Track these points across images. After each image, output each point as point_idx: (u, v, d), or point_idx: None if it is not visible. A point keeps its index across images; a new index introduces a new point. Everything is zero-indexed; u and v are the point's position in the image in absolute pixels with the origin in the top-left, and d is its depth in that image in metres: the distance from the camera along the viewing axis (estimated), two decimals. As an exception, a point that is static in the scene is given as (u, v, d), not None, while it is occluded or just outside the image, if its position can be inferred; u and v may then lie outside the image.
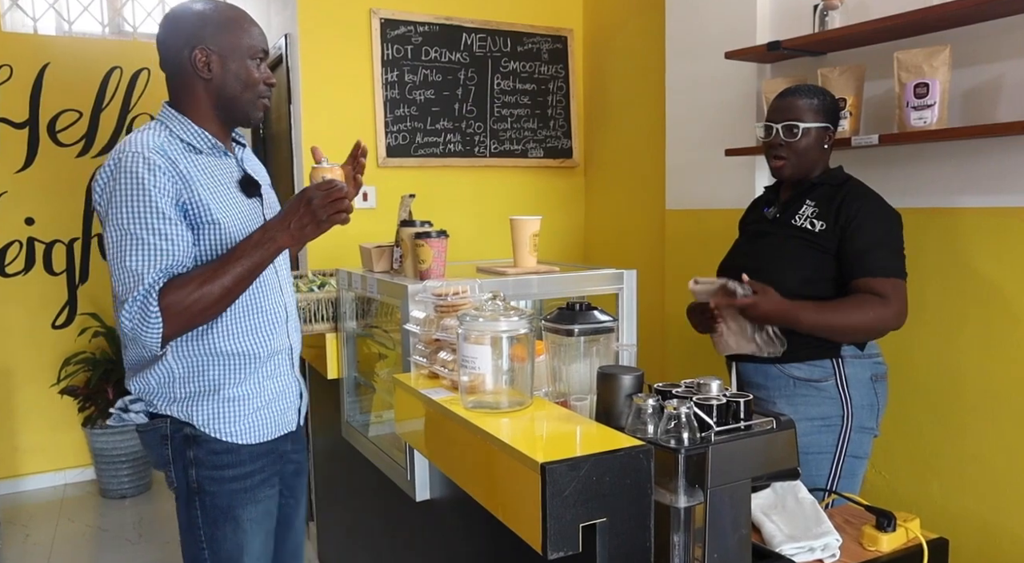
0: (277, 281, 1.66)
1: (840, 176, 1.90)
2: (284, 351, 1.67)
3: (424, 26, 3.22)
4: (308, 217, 1.46)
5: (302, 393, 1.76)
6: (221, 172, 1.57)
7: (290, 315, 1.71)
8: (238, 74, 1.54)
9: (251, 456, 1.61)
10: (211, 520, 1.59)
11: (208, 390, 1.55)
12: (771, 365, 1.87)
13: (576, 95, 3.58)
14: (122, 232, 1.41)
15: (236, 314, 1.55)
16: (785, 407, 1.84)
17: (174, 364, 1.53)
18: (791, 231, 1.87)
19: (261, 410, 1.62)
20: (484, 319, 1.43)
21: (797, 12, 2.44)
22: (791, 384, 1.86)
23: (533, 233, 2.07)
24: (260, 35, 1.58)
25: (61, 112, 4.00)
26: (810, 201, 1.87)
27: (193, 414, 1.55)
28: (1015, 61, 1.90)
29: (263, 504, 1.64)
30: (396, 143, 3.20)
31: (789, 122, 1.84)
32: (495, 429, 1.31)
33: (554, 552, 1.12)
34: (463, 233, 3.22)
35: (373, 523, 2.33)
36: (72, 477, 4.10)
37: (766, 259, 1.90)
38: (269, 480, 1.65)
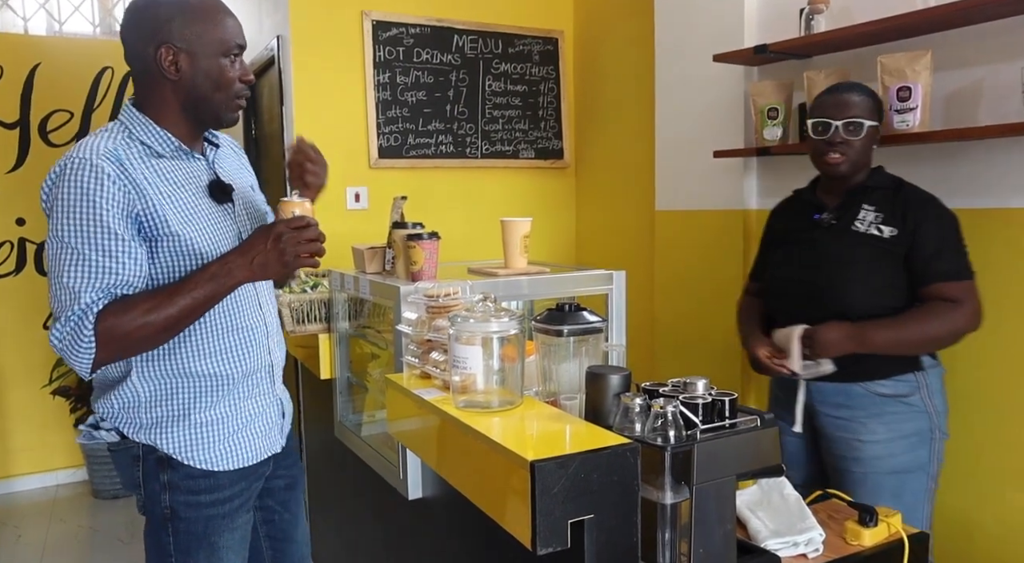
0: (255, 295, 1.54)
1: (891, 178, 1.84)
2: (264, 369, 1.56)
3: (416, 28, 3.24)
4: (274, 254, 1.35)
5: (285, 412, 1.65)
6: (186, 177, 1.44)
7: (271, 330, 1.59)
8: (209, 73, 1.39)
9: (230, 480, 1.50)
10: (184, 547, 1.47)
11: (177, 415, 1.43)
12: (854, 384, 1.79)
13: (567, 96, 3.61)
14: (62, 245, 1.30)
15: (209, 332, 1.44)
16: (877, 427, 1.78)
17: (139, 386, 1.41)
18: (857, 239, 1.77)
19: (238, 433, 1.51)
20: (475, 320, 1.45)
21: (784, 15, 2.47)
22: (879, 402, 1.78)
23: (524, 235, 2.10)
24: (235, 27, 1.43)
25: (52, 112, 4.01)
26: (868, 206, 1.79)
27: (163, 442, 1.43)
28: (994, 65, 1.94)
29: (240, 530, 1.54)
30: (388, 144, 3.22)
31: (852, 119, 1.76)
32: (486, 428, 1.33)
33: (543, 548, 1.15)
34: (455, 234, 3.24)
35: (366, 522, 2.35)
36: (64, 478, 4.10)
37: (832, 270, 1.80)
38: (246, 505, 1.55)
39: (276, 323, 1.64)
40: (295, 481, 1.72)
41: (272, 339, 1.59)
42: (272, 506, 1.66)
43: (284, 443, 1.64)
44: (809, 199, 1.93)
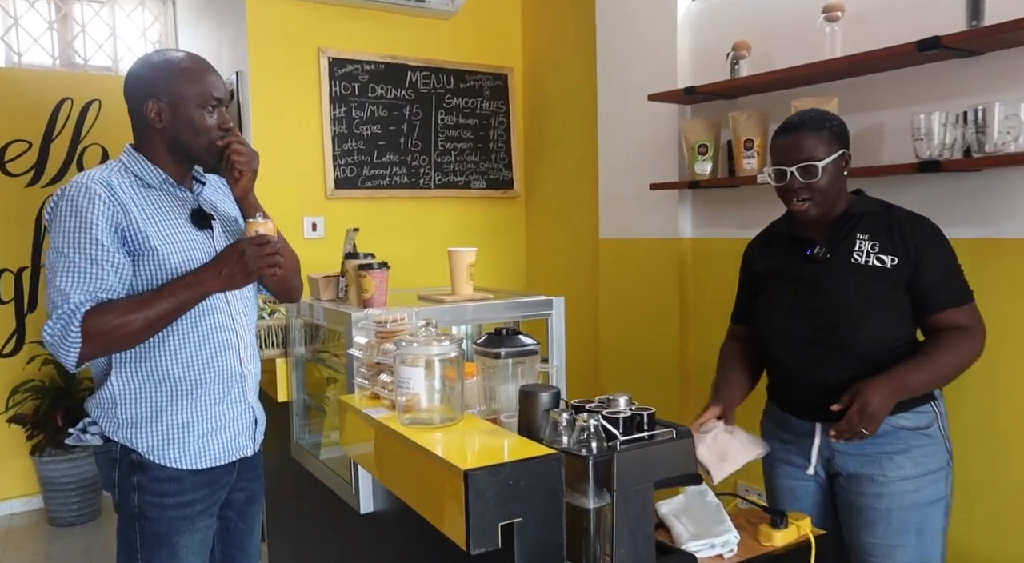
0: (228, 309, 1.70)
1: (876, 201, 1.74)
2: (234, 378, 1.71)
3: (370, 65, 3.39)
4: (239, 266, 1.53)
5: (258, 420, 1.80)
6: (171, 206, 1.64)
7: (243, 343, 1.74)
8: (189, 123, 1.59)
9: (193, 485, 1.65)
10: (148, 544, 1.63)
11: (151, 416, 1.60)
12: None
13: (516, 129, 3.79)
14: (58, 254, 1.50)
15: (182, 340, 1.61)
16: (903, 461, 1.69)
17: (117, 388, 1.59)
18: (859, 272, 1.66)
19: (208, 436, 1.66)
20: (418, 344, 1.58)
21: (714, 59, 2.67)
22: (902, 436, 1.69)
23: (469, 264, 2.24)
24: (213, 82, 1.63)
25: (10, 142, 4.05)
26: (861, 234, 1.68)
27: (137, 441, 1.60)
28: (893, 110, 2.15)
29: (200, 534, 1.68)
30: (344, 175, 3.35)
31: (805, 163, 1.64)
32: (428, 442, 1.46)
33: (476, 548, 1.28)
34: (408, 261, 3.37)
35: (322, 540, 2.44)
36: (18, 506, 4.09)
37: (842, 308, 1.68)
38: (208, 510, 1.69)
39: (251, 339, 1.79)
40: (255, 495, 1.86)
41: (244, 352, 1.74)
42: (231, 516, 1.79)
43: (256, 450, 1.80)
44: (792, 233, 1.78)
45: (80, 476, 3.84)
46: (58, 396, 3.90)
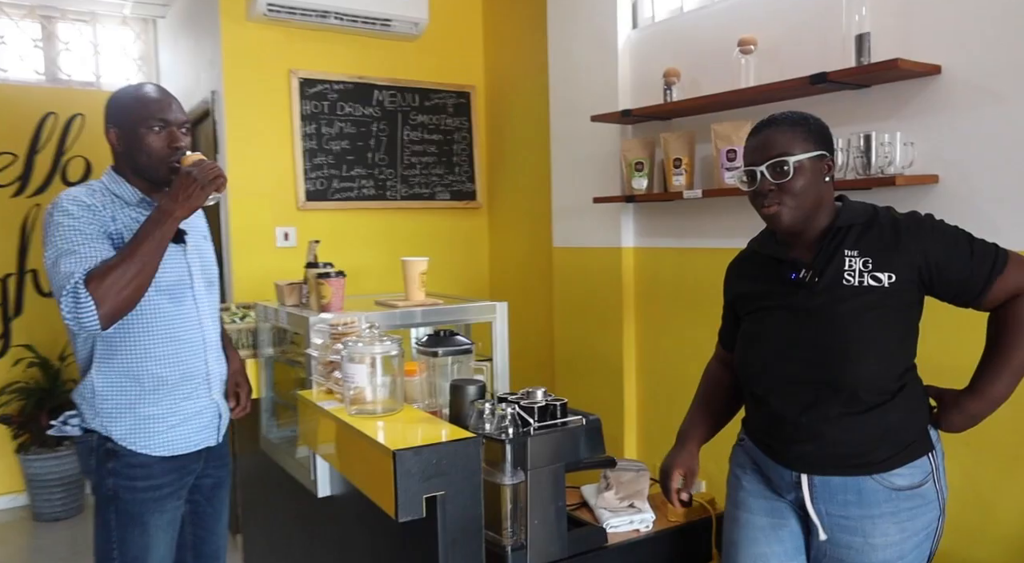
0: (197, 315, 1.89)
1: (863, 209, 1.52)
2: (200, 376, 1.90)
3: (339, 84, 3.61)
4: (193, 187, 1.68)
5: (222, 413, 1.99)
6: (143, 218, 1.79)
7: (209, 344, 1.94)
8: (139, 144, 1.77)
9: (162, 471, 1.85)
10: (122, 524, 1.83)
11: (125, 407, 1.81)
12: (866, 477, 1.47)
13: (479, 144, 4.02)
14: (56, 249, 1.67)
15: (153, 340, 1.81)
16: (889, 527, 1.47)
17: (97, 380, 1.80)
18: (854, 295, 1.44)
19: (176, 428, 1.86)
20: (363, 344, 1.81)
21: (652, 83, 2.92)
22: (893, 497, 1.47)
23: (421, 272, 2.47)
24: (156, 106, 1.78)
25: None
26: (849, 251, 1.46)
27: (112, 429, 1.80)
28: (799, 134, 2.40)
29: (169, 514, 1.88)
30: (315, 188, 3.57)
31: (776, 159, 1.45)
32: (369, 429, 1.69)
33: (403, 516, 1.51)
34: (375, 269, 3.60)
35: (290, 526, 2.65)
36: (4, 503, 4.28)
37: (838, 341, 1.45)
38: (176, 493, 1.89)
39: (216, 341, 1.98)
40: (222, 481, 2.07)
41: (210, 352, 1.94)
42: (199, 500, 2.00)
43: (220, 440, 1.99)
44: (775, 254, 1.57)
45: (64, 473, 4.03)
46: (43, 397, 4.09)
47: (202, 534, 2.06)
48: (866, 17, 2.16)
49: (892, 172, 2.07)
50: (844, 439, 1.46)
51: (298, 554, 2.57)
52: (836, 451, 1.47)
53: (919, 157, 2.10)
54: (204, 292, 1.94)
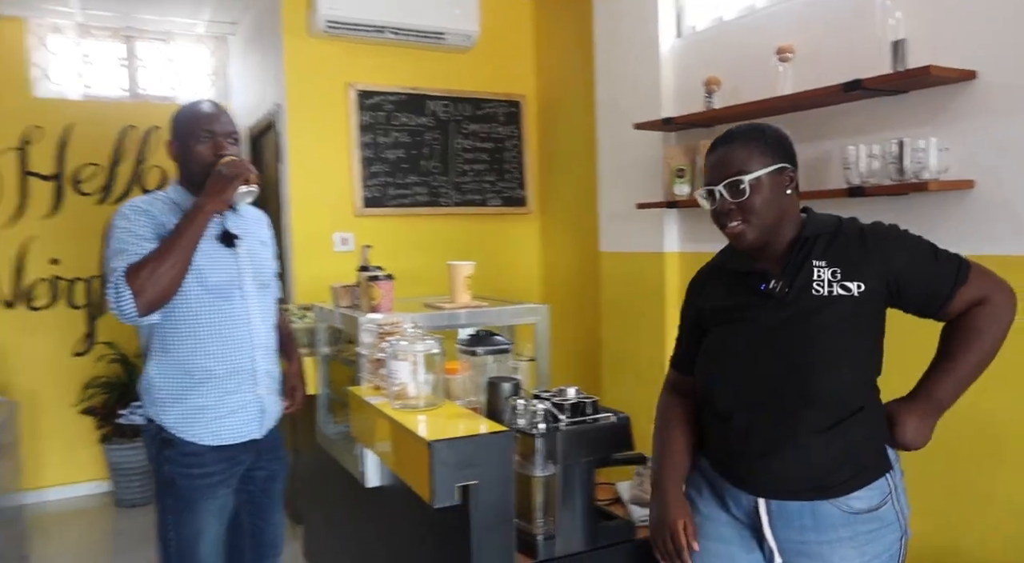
0: (245, 314, 2.01)
1: (826, 220, 1.52)
2: (246, 372, 2.01)
3: (395, 95, 3.78)
4: (222, 182, 1.84)
5: (264, 410, 2.06)
6: None
7: (257, 342, 2.04)
8: (189, 154, 1.95)
9: (213, 460, 1.97)
10: (178, 508, 1.97)
11: (176, 397, 1.95)
12: (823, 501, 1.44)
13: (529, 151, 4.13)
14: (111, 250, 1.85)
15: (203, 336, 1.94)
16: (849, 552, 1.43)
17: (153, 373, 1.96)
18: (825, 305, 1.42)
19: (222, 419, 1.97)
20: (406, 342, 1.94)
21: (694, 91, 2.97)
22: (850, 521, 1.43)
23: (466, 275, 2.59)
24: (205, 117, 1.95)
25: (83, 165, 4.57)
26: (817, 261, 1.45)
27: (164, 418, 1.95)
28: (837, 140, 2.43)
29: (219, 500, 2.00)
30: (371, 195, 3.74)
31: (732, 179, 1.44)
32: (410, 422, 1.82)
33: (438, 503, 1.62)
34: (428, 272, 3.74)
35: (344, 516, 2.81)
36: (90, 489, 4.60)
37: (809, 351, 1.42)
38: (226, 481, 2.01)
39: (266, 339, 2.08)
40: (275, 474, 2.19)
41: (257, 350, 2.04)
42: (254, 491, 2.14)
43: (263, 434, 2.09)
44: (741, 268, 1.54)
45: (141, 461, 4.31)
46: (123, 391, 4.38)
47: (259, 523, 2.19)
48: (901, 23, 2.19)
49: (926, 178, 2.09)
50: (806, 459, 1.43)
51: (351, 542, 2.72)
52: (796, 474, 1.44)
53: (954, 163, 2.12)
54: (254, 293, 2.05)
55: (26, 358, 4.46)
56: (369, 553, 2.49)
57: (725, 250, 1.63)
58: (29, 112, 4.41)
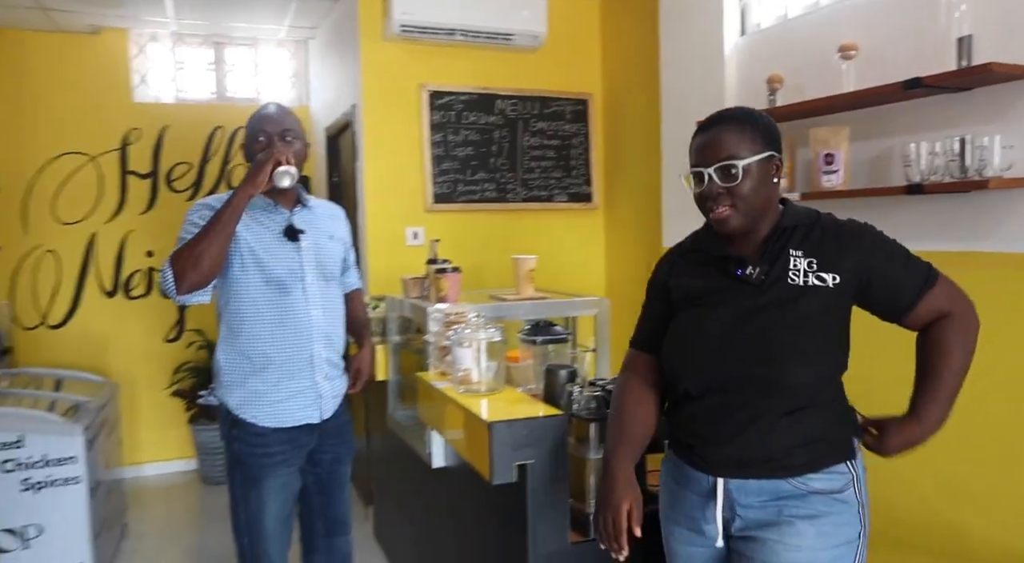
0: (305, 305, 2.11)
1: (801, 211, 1.51)
2: (304, 360, 2.10)
3: (465, 95, 3.92)
4: (256, 166, 1.97)
5: (321, 395, 2.16)
6: (268, 220, 2.12)
7: (316, 332, 2.12)
8: (251, 152, 2.10)
9: (276, 441, 2.09)
10: (245, 484, 2.11)
11: (238, 381, 2.09)
12: (783, 480, 1.44)
13: (595, 148, 4.21)
14: (179, 239, 2.01)
15: (262, 325, 2.07)
16: (806, 528, 1.42)
17: (220, 357, 2.12)
18: (801, 294, 1.42)
19: (279, 403, 2.09)
20: (470, 330, 2.07)
21: (757, 89, 3.00)
22: (811, 501, 1.43)
23: (530, 268, 2.70)
24: (265, 119, 2.11)
25: (176, 164, 4.88)
26: (794, 250, 1.45)
27: (228, 399, 2.10)
28: (899, 137, 2.43)
29: (281, 479, 2.12)
30: (441, 191, 3.89)
31: (724, 163, 1.42)
32: (473, 405, 1.95)
33: (497, 480, 1.75)
34: (495, 266, 3.88)
35: (412, 496, 2.96)
36: (180, 466, 4.92)
37: (783, 338, 1.42)
38: (288, 461, 2.12)
39: (328, 330, 2.17)
40: (341, 456, 2.29)
41: (316, 340, 2.13)
42: (320, 472, 2.26)
43: (322, 419, 2.18)
44: (719, 252, 1.52)
45: (226, 442, 4.59)
46: (208, 376, 4.67)
47: (327, 501, 2.32)
48: (966, 19, 2.18)
49: (988, 175, 2.09)
50: (767, 443, 1.43)
51: (418, 521, 2.88)
52: (756, 456, 1.44)
53: (1019, 160, 2.11)
54: (316, 285, 2.14)
55: (124, 343, 4.81)
56: (434, 531, 2.64)
57: (698, 233, 1.61)
58: (129, 116, 4.75)
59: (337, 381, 2.25)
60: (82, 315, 4.73)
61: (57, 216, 4.65)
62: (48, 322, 4.68)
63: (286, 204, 2.18)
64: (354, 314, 2.39)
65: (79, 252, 4.71)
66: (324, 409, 2.20)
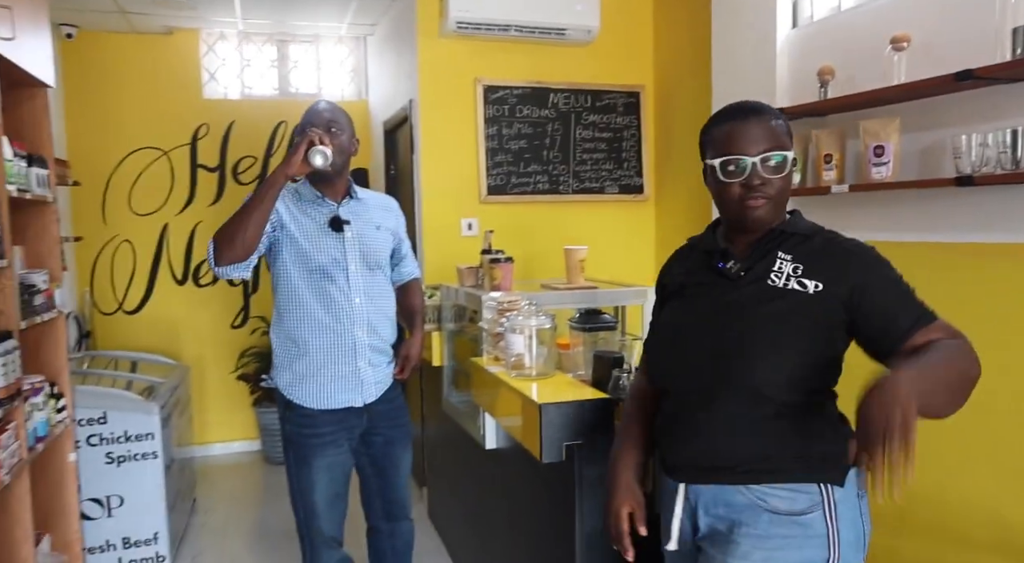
0: (348, 292, 2.20)
1: (806, 223, 1.46)
2: (346, 346, 2.20)
3: (518, 89, 4.01)
4: (293, 148, 2.02)
5: (363, 381, 2.24)
6: (315, 211, 2.23)
7: (358, 318, 2.21)
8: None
9: (324, 422, 2.20)
10: (297, 463, 2.23)
11: (285, 364, 2.22)
12: (740, 488, 1.37)
13: (647, 140, 4.26)
14: None
15: (305, 312, 2.18)
16: (754, 552, 1.33)
17: (273, 340, 2.25)
18: (776, 296, 1.36)
19: (322, 386, 2.19)
20: (522, 318, 2.17)
21: (808, 81, 3.01)
22: (765, 520, 1.34)
23: (580, 258, 2.79)
24: (313, 114, 2.22)
25: (242, 158, 5.10)
26: (784, 254, 1.39)
27: (279, 380, 2.24)
28: (950, 129, 2.43)
29: (329, 458, 2.22)
30: (495, 183, 4.00)
31: (771, 152, 1.36)
32: (525, 388, 2.04)
33: (547, 459, 1.84)
34: (548, 256, 3.96)
35: (465, 478, 3.09)
36: (244, 447, 5.17)
37: (744, 336, 1.36)
38: (336, 442, 2.22)
39: (371, 317, 2.25)
40: (392, 439, 2.38)
41: (359, 326, 2.22)
42: (375, 454, 2.37)
43: (365, 403, 2.27)
44: (709, 247, 1.51)
45: (289, 425, 4.80)
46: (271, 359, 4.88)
47: (384, 482, 2.43)
48: (1021, 9, 2.17)
49: (1039, 167, 2.09)
50: (729, 445, 1.36)
51: (470, 501, 3.00)
52: (716, 458, 1.37)
53: (1074, 151, 2.10)
54: (360, 273, 2.24)
55: (193, 329, 5.06)
56: (485, 511, 2.75)
57: (702, 234, 1.59)
58: (199, 112, 4.99)
59: (382, 367, 2.33)
60: (155, 301, 5.00)
61: (133, 208, 4.92)
62: (124, 308, 4.95)
63: (333, 196, 2.28)
64: (408, 302, 2.49)
65: (152, 242, 4.97)
66: (366, 394, 2.28)
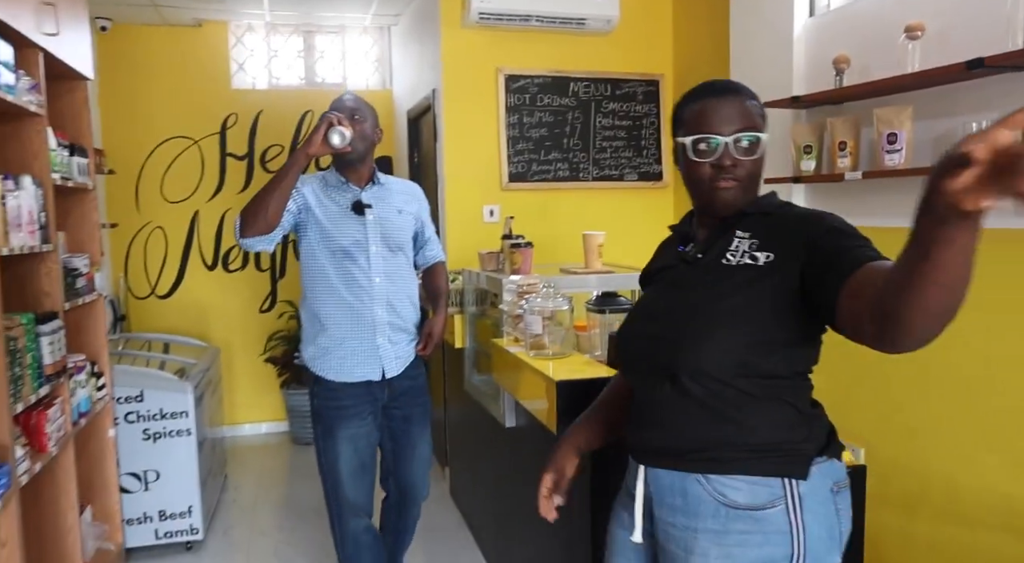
0: (369, 272, 2.34)
1: (772, 201, 1.38)
2: (366, 322, 2.34)
3: (539, 78, 4.08)
4: (313, 130, 2.18)
5: (382, 356, 2.37)
6: (339, 196, 2.38)
7: (378, 297, 2.35)
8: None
9: (347, 395, 2.35)
10: (324, 435, 2.38)
11: (311, 338, 2.38)
12: (698, 477, 1.29)
13: (666, 128, 4.31)
14: None
15: (329, 289, 2.33)
16: (711, 548, 1.26)
17: (302, 316, 2.42)
18: (730, 274, 1.29)
19: (344, 360, 2.34)
20: (541, 300, 2.26)
21: (824, 69, 3.06)
22: (721, 514, 1.26)
23: (598, 243, 2.87)
24: (336, 103, 2.36)
25: (269, 146, 5.23)
26: (741, 232, 1.32)
27: (305, 354, 2.40)
28: (962, 117, 2.47)
29: (352, 429, 2.36)
30: (516, 171, 4.08)
31: (745, 133, 1.30)
32: (542, 366, 2.14)
33: (561, 432, 1.93)
34: (567, 241, 4.04)
35: (485, 457, 3.19)
36: (272, 428, 5.32)
37: (690, 316, 1.30)
38: (359, 414, 2.36)
39: (391, 296, 2.39)
40: (411, 415, 2.52)
41: (378, 304, 2.36)
42: (395, 428, 2.51)
43: (384, 377, 2.41)
44: (678, 229, 1.48)
45: (315, 406, 4.94)
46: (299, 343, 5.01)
47: (400, 465, 2.56)
48: (1033, 0, 2.21)
49: (1048, 153, 2.13)
50: (682, 428, 1.30)
51: (490, 479, 3.10)
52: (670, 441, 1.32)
53: (1082, 138, 2.13)
54: (380, 254, 2.38)
55: (223, 313, 5.21)
56: (504, 488, 2.86)
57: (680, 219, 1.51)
58: (228, 102, 5.12)
59: (402, 344, 2.45)
60: (186, 286, 5.15)
61: (164, 195, 5.06)
62: (157, 292, 5.11)
63: (357, 182, 2.42)
64: (433, 283, 2.61)
65: (183, 229, 5.12)
66: (387, 368, 2.41)
